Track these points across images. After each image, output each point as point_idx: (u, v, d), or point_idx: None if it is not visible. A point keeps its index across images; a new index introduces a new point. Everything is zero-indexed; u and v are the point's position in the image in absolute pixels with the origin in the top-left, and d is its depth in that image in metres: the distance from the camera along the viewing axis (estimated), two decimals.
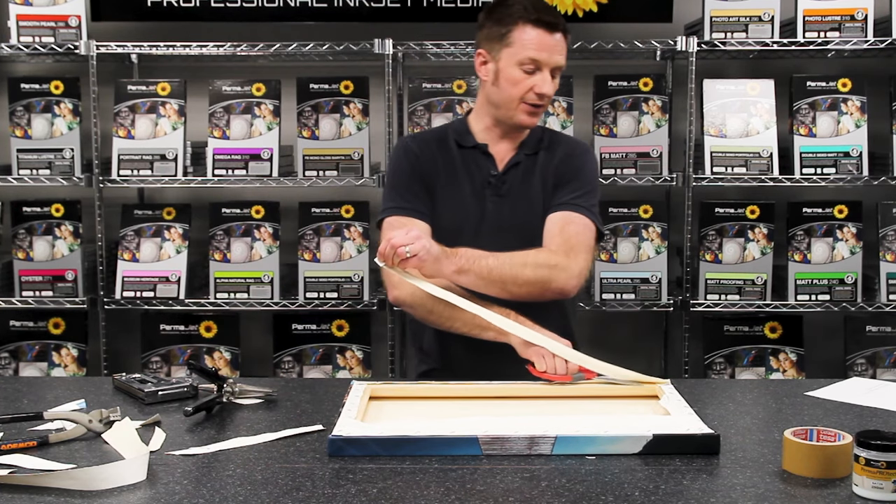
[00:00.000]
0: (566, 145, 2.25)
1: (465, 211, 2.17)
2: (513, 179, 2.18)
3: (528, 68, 2.09)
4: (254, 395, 1.85)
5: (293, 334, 3.40)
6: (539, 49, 2.07)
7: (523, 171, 2.19)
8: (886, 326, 3.33)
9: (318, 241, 3.31)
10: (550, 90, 2.10)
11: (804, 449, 1.42)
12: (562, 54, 2.11)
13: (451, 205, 2.18)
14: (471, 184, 2.18)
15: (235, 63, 3.56)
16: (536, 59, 2.08)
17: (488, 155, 2.19)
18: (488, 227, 2.16)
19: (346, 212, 3.31)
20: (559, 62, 2.11)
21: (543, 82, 2.09)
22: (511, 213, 2.16)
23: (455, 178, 2.19)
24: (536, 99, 2.10)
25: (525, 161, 2.19)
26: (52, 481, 1.37)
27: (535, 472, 1.43)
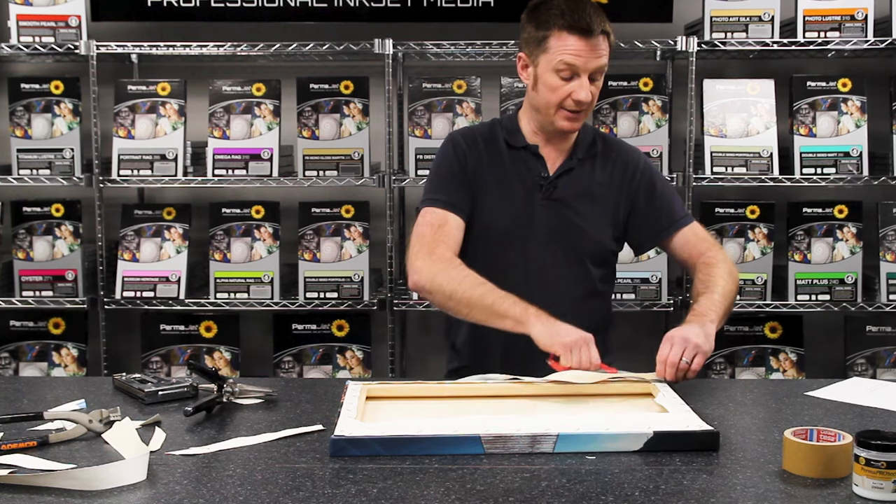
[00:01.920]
0: (624, 155, 2.21)
1: (514, 212, 2.14)
2: (564, 184, 2.14)
3: (564, 74, 2.04)
4: (254, 395, 1.85)
5: (293, 334, 3.40)
6: (575, 55, 2.02)
7: (576, 176, 2.15)
8: (886, 326, 3.33)
9: (318, 241, 3.31)
10: (587, 96, 2.04)
11: (804, 449, 1.42)
12: (600, 57, 2.04)
13: (501, 205, 2.14)
14: (521, 185, 2.15)
15: (235, 63, 3.56)
16: (573, 65, 2.02)
17: (539, 157, 2.15)
18: (537, 231, 2.13)
19: (346, 212, 3.31)
20: (597, 66, 2.05)
21: (580, 88, 2.03)
22: (560, 219, 2.13)
23: (504, 178, 2.15)
24: (574, 105, 2.05)
25: (578, 167, 2.15)
26: (52, 481, 1.37)
27: (535, 471, 1.43)
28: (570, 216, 2.13)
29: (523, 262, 2.14)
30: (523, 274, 2.13)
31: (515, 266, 2.14)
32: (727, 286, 2.07)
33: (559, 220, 2.13)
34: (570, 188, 2.14)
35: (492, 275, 2.09)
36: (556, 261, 2.14)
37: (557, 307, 2.04)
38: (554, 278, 2.14)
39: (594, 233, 2.15)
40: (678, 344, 1.87)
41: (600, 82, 2.09)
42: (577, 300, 2.14)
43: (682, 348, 1.86)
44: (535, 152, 2.16)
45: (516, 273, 2.13)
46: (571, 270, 2.15)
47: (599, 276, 2.20)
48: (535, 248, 2.13)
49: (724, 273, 2.09)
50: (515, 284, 2.07)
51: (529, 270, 2.13)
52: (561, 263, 2.14)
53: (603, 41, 2.04)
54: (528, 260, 2.14)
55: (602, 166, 2.17)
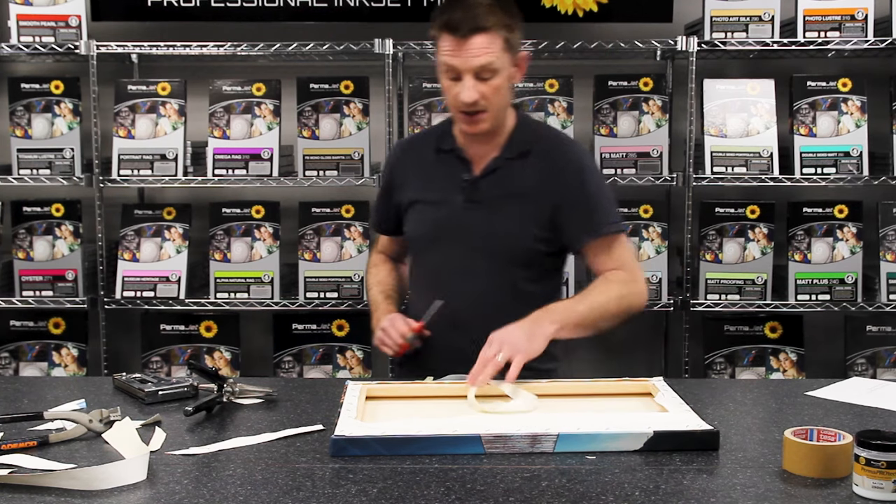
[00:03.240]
0: (557, 154, 2.09)
1: (437, 217, 2.11)
2: (488, 185, 2.07)
3: (449, 75, 1.97)
4: (254, 395, 1.85)
5: (293, 334, 3.40)
6: (451, 55, 1.95)
7: (501, 176, 2.07)
8: (886, 326, 3.33)
9: (318, 240, 3.31)
10: (469, 97, 1.94)
11: (804, 449, 1.42)
12: (480, 55, 1.93)
13: (426, 211, 2.13)
14: (446, 189, 2.10)
15: (235, 63, 3.56)
16: (451, 66, 1.96)
17: (464, 159, 2.09)
18: (459, 234, 2.08)
19: (346, 212, 3.31)
20: (477, 65, 1.93)
21: (463, 89, 1.95)
22: (485, 222, 2.06)
23: (428, 184, 2.13)
24: (463, 107, 1.97)
25: (505, 167, 2.07)
26: (52, 481, 1.37)
27: (535, 471, 1.43)
28: (491, 218, 2.05)
29: (448, 267, 2.10)
30: (447, 278, 2.10)
31: (441, 270, 2.12)
32: (604, 302, 1.99)
33: (480, 222, 2.06)
34: (494, 189, 2.06)
35: (424, 280, 2.17)
36: (476, 264, 2.07)
37: (481, 310, 2.04)
38: (476, 282, 2.08)
39: (516, 234, 2.05)
40: (495, 345, 1.81)
41: (497, 82, 1.97)
42: (501, 303, 2.05)
43: (498, 350, 1.80)
44: (459, 154, 2.11)
45: (441, 277, 2.12)
46: (492, 273, 2.07)
47: (526, 277, 2.09)
48: (457, 252, 2.07)
49: (610, 290, 2.02)
50: (441, 289, 2.09)
51: (453, 274, 2.10)
52: (482, 266, 2.07)
53: (485, 38, 1.93)
54: (452, 264, 2.09)
55: (534, 165, 2.07)
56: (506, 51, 1.97)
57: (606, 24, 3.40)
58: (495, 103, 2.00)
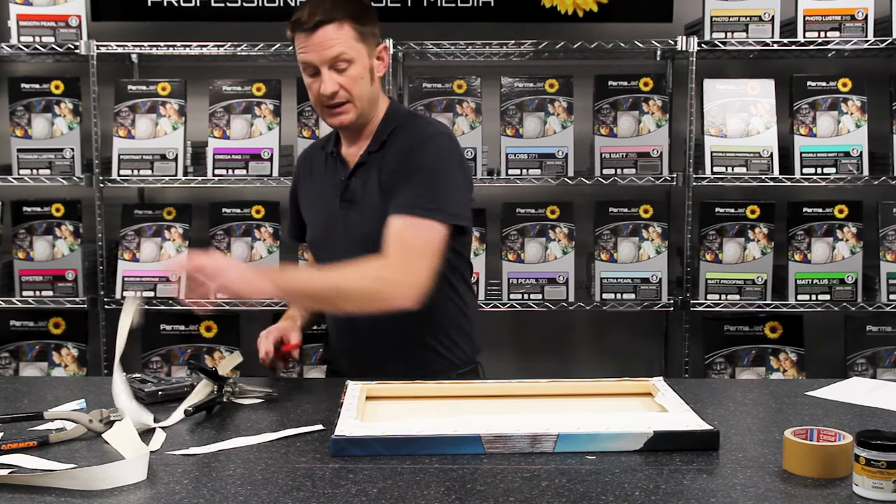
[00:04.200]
0: (408, 136, 2.03)
1: (321, 221, 2.12)
2: (356, 183, 2.05)
3: (309, 72, 2.00)
4: (254, 395, 1.85)
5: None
6: (305, 51, 1.97)
7: (366, 172, 2.05)
8: (886, 326, 3.33)
9: None
10: (329, 88, 1.96)
11: (804, 449, 1.42)
12: (331, 46, 1.95)
13: (310, 215, 2.17)
14: (324, 192, 2.11)
15: (235, 63, 3.56)
16: (308, 63, 1.98)
17: (342, 160, 2.10)
18: (340, 236, 2.07)
19: None
20: (331, 56, 1.95)
21: (323, 82, 1.97)
22: (358, 221, 2.04)
23: (315, 188, 2.15)
24: (325, 100, 1.99)
25: (369, 161, 2.05)
26: (52, 481, 1.37)
27: (535, 471, 1.43)
28: (359, 215, 2.04)
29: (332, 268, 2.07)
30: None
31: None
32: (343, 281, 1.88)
33: (353, 221, 2.06)
34: (360, 185, 2.05)
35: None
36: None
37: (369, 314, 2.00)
38: None
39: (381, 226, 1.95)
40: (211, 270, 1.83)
41: (355, 72, 1.98)
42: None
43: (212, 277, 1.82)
44: (336, 155, 2.11)
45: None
46: None
47: None
48: (338, 253, 2.04)
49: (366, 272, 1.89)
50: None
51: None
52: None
53: (331, 29, 1.95)
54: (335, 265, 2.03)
55: (389, 153, 2.03)
56: (359, 41, 1.99)
57: (606, 24, 3.40)
58: (356, 94, 2.00)
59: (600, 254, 3.27)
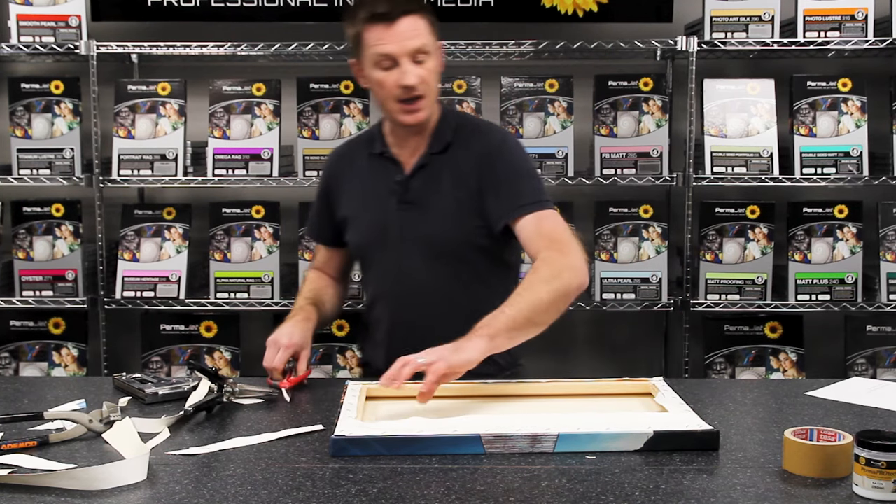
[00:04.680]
0: (479, 141, 2.06)
1: (375, 222, 2.10)
2: (418, 184, 2.05)
3: (385, 65, 1.97)
4: (254, 395, 1.85)
5: None
6: (384, 43, 1.95)
7: (430, 173, 2.05)
8: (886, 326, 3.33)
9: None
10: (414, 79, 1.95)
11: (804, 449, 1.42)
12: (414, 37, 1.95)
13: (363, 218, 2.13)
14: (379, 193, 2.09)
15: (235, 63, 3.56)
16: (387, 54, 1.95)
17: (394, 160, 2.09)
18: (396, 238, 2.07)
19: None
20: (413, 47, 1.95)
21: (404, 74, 1.95)
22: (419, 222, 2.04)
23: (361, 190, 2.13)
24: (405, 93, 1.97)
25: (432, 162, 2.05)
26: (52, 481, 1.37)
27: (535, 471, 1.43)
28: (424, 216, 2.04)
29: (393, 271, 2.09)
30: (393, 283, 2.10)
31: (385, 276, 2.11)
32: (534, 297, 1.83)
33: (414, 222, 2.05)
34: (424, 186, 2.05)
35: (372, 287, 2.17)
36: (417, 264, 2.06)
37: (430, 310, 2.04)
38: (420, 282, 2.06)
39: (450, 229, 2.03)
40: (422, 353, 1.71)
41: (432, 63, 1.99)
42: (447, 300, 2.06)
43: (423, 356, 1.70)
44: (388, 156, 2.10)
45: (387, 283, 2.11)
46: (434, 271, 2.06)
47: (470, 272, 2.07)
48: (397, 255, 2.06)
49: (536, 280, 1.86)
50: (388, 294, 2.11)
51: (398, 278, 2.09)
52: (423, 266, 2.06)
53: (412, 20, 1.95)
54: (395, 267, 2.08)
55: (456, 155, 2.05)
56: (432, 35, 2.00)
57: (606, 24, 3.40)
58: (432, 88, 2.01)
59: (600, 254, 3.27)
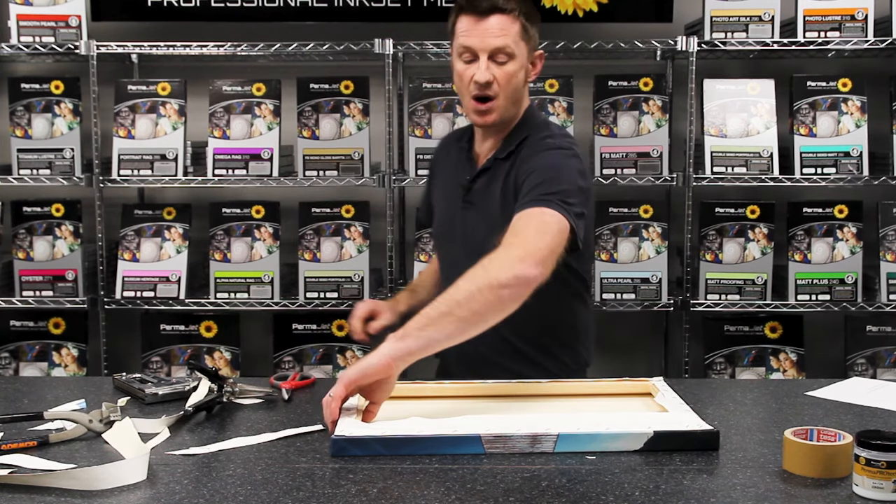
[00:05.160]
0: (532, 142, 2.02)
1: (444, 217, 2.14)
2: (479, 186, 2.05)
3: (465, 58, 1.97)
4: (254, 395, 1.85)
5: (293, 334, 3.40)
6: (469, 35, 1.94)
7: (490, 177, 2.04)
8: (886, 326, 3.33)
9: (318, 241, 3.31)
10: (483, 77, 1.93)
11: (804, 449, 1.42)
12: (498, 37, 1.93)
13: (438, 208, 2.19)
14: (450, 189, 2.11)
15: (235, 63, 3.56)
16: (469, 47, 1.95)
17: (470, 158, 2.10)
18: (459, 234, 2.07)
19: (346, 212, 3.31)
20: (495, 46, 1.93)
21: (478, 69, 1.94)
22: (476, 223, 2.04)
23: (445, 182, 2.16)
24: (476, 89, 1.95)
25: (495, 167, 2.04)
26: (52, 481, 1.37)
27: (535, 471, 1.43)
28: (480, 218, 2.04)
29: (452, 266, 2.07)
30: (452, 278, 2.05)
31: (448, 270, 2.11)
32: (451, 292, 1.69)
33: (472, 223, 2.06)
34: (483, 189, 2.04)
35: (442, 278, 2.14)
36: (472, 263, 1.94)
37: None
38: None
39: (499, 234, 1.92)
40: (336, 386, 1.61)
41: (511, 68, 1.95)
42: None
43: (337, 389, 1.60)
44: (468, 153, 2.11)
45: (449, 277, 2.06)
46: None
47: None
48: (457, 252, 2.07)
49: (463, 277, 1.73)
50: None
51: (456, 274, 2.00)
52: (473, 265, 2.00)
53: (504, 19, 1.94)
54: (454, 264, 2.06)
55: (514, 161, 2.01)
56: (522, 39, 1.97)
57: (606, 24, 3.40)
58: (506, 91, 1.97)
59: (600, 254, 3.27)
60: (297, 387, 1.92)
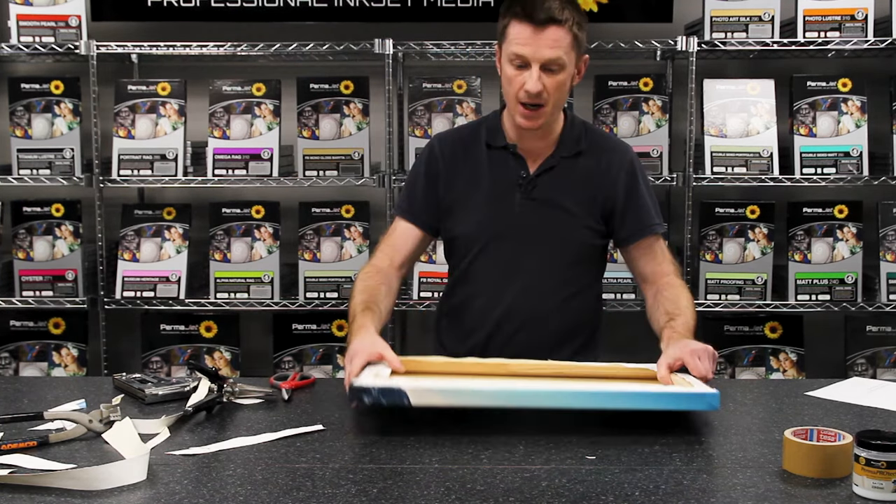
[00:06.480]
0: (610, 152, 2.14)
1: (491, 215, 2.11)
2: (545, 183, 2.09)
3: (517, 63, 1.98)
4: (254, 395, 1.85)
5: (293, 334, 3.40)
6: (523, 44, 1.96)
7: (558, 174, 2.10)
8: (886, 326, 3.33)
9: (318, 241, 3.31)
10: (534, 87, 1.96)
11: (804, 449, 1.42)
12: (552, 48, 1.95)
13: (477, 210, 2.12)
14: (499, 187, 2.11)
15: (235, 63, 3.56)
16: (521, 55, 1.97)
17: (518, 156, 2.10)
18: (516, 231, 2.09)
19: (346, 212, 3.31)
20: (548, 57, 1.96)
21: (528, 79, 1.96)
22: (542, 220, 2.09)
23: (478, 182, 2.12)
24: (525, 97, 1.99)
25: (562, 164, 2.10)
26: (52, 481, 1.37)
27: (535, 471, 1.44)
28: (552, 215, 2.09)
29: (507, 265, 2.10)
30: (503, 275, 2.11)
31: (499, 269, 2.11)
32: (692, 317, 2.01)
33: (540, 219, 2.09)
34: (552, 186, 2.09)
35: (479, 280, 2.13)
36: (535, 261, 2.10)
37: (541, 307, 2.09)
38: (536, 279, 2.10)
39: (576, 231, 2.10)
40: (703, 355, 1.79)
41: (561, 77, 1.99)
42: (561, 299, 2.12)
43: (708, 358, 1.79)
44: (514, 152, 2.11)
45: (500, 276, 2.11)
46: (553, 270, 2.11)
47: (584, 273, 2.16)
48: (514, 250, 2.09)
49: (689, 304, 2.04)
50: (496, 286, 2.11)
51: (509, 271, 2.10)
52: (543, 264, 2.10)
53: (558, 31, 1.96)
54: (508, 262, 2.10)
55: (587, 163, 2.11)
56: (573, 49, 2.00)
57: (606, 24, 3.40)
58: (555, 99, 2.01)
59: None
60: (297, 387, 1.92)
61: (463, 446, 1.55)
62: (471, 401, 1.61)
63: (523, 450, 1.54)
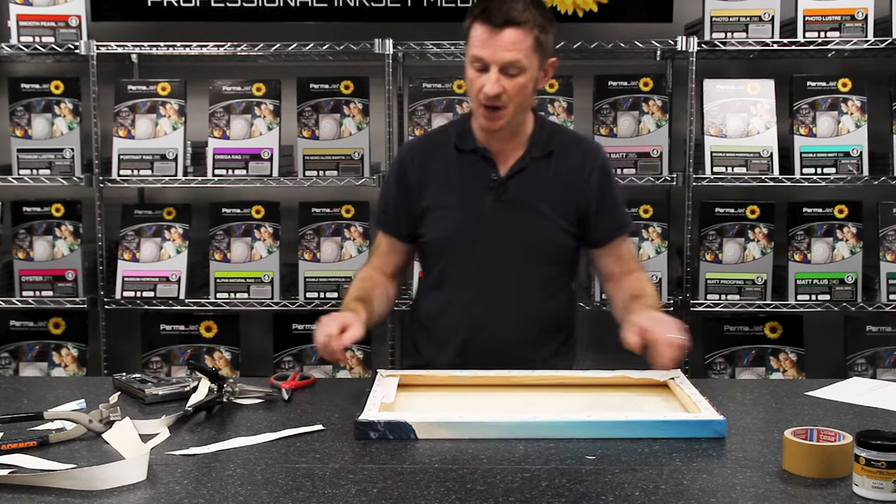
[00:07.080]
0: (580, 152, 2.14)
1: (463, 218, 2.10)
2: (517, 185, 2.09)
3: (476, 66, 1.97)
4: (254, 395, 1.85)
5: (293, 334, 3.39)
6: (482, 46, 1.94)
7: (529, 176, 2.09)
8: (886, 326, 3.33)
9: (318, 241, 3.31)
10: (492, 90, 1.94)
11: (804, 449, 1.42)
12: (510, 50, 1.93)
13: (450, 213, 2.11)
14: (470, 190, 2.10)
15: (235, 63, 3.56)
16: (479, 57, 1.95)
17: (488, 159, 2.09)
18: (489, 234, 2.08)
19: (346, 212, 3.31)
20: (506, 59, 1.94)
21: (488, 82, 1.95)
22: (514, 221, 2.08)
23: (448, 186, 2.12)
24: (485, 100, 1.97)
25: (532, 166, 2.09)
26: (52, 481, 1.37)
27: (535, 471, 1.44)
28: (524, 217, 2.08)
29: (475, 267, 2.10)
30: (480, 279, 2.10)
31: (472, 272, 2.11)
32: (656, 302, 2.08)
33: (512, 221, 2.08)
34: (523, 188, 2.08)
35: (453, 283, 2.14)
36: (509, 263, 2.09)
37: (516, 310, 2.10)
38: (509, 280, 2.10)
39: (548, 231, 2.09)
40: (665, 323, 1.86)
41: (522, 80, 1.97)
42: (535, 300, 2.12)
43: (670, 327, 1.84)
44: (484, 155, 2.10)
45: (473, 279, 2.11)
46: (526, 271, 2.10)
47: (556, 271, 2.16)
48: (487, 252, 2.08)
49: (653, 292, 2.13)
50: (473, 290, 2.11)
51: (482, 275, 2.10)
52: (515, 265, 2.09)
53: (517, 33, 1.94)
54: (481, 264, 2.09)
55: (557, 164, 2.10)
56: (535, 51, 1.98)
57: (606, 24, 3.40)
58: (516, 101, 2.00)
59: None
60: (297, 387, 1.92)
61: (463, 446, 1.55)
62: (477, 434, 1.59)
63: (523, 450, 1.54)
